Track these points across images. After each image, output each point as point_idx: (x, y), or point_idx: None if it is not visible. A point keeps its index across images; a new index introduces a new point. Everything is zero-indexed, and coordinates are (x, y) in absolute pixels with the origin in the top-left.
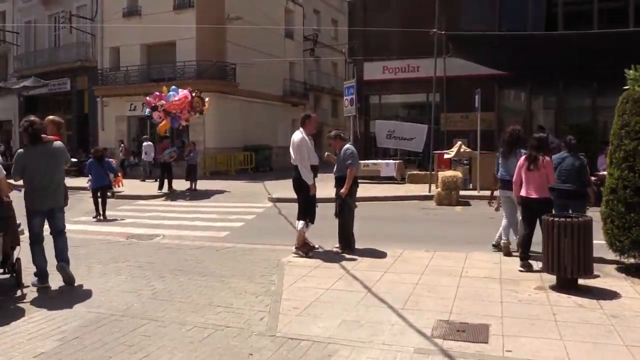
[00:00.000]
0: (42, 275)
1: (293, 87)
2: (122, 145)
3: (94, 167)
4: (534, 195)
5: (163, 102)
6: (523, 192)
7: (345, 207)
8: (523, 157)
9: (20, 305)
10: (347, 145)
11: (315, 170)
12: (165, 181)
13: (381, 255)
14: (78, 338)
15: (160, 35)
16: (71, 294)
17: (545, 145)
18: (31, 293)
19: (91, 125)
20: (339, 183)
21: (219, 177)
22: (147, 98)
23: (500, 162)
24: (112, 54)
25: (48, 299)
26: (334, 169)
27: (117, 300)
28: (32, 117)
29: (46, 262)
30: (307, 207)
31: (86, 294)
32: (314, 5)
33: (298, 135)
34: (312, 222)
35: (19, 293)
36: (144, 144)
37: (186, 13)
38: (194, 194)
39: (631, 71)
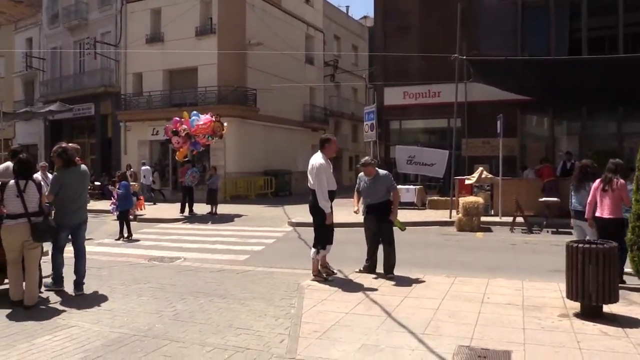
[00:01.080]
0: (59, 280)
1: (313, 112)
2: (131, 169)
3: (124, 189)
4: (607, 216)
5: (185, 126)
6: (598, 213)
7: (392, 232)
8: (598, 180)
9: (45, 322)
10: (384, 171)
11: (332, 195)
12: (187, 204)
13: (401, 280)
14: (101, 357)
15: (182, 61)
16: (96, 314)
17: (619, 170)
18: (55, 311)
19: (114, 150)
20: (375, 211)
21: (239, 201)
22: (167, 125)
23: (572, 193)
24: (135, 79)
25: (73, 318)
26: (365, 197)
27: (139, 321)
28: (64, 144)
29: (63, 267)
30: (321, 233)
31: (109, 314)
32: (335, 31)
33: (317, 159)
34: (325, 249)
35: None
36: (142, 168)
37: (208, 39)
38: (214, 218)
39: None
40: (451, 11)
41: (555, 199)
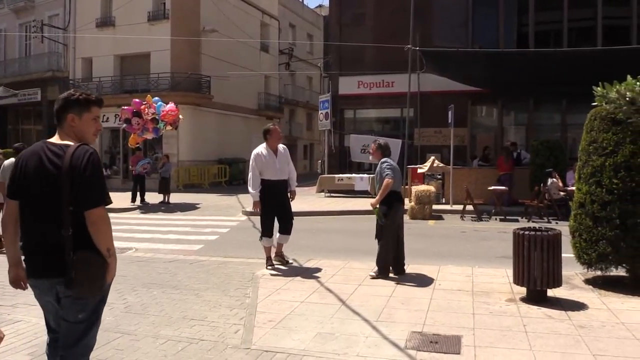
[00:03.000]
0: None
1: (268, 100)
2: None
3: None
4: None
5: (153, 110)
6: None
7: (384, 227)
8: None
9: None
10: (385, 159)
11: (276, 185)
12: (138, 193)
13: (355, 268)
14: None
15: (134, 46)
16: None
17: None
18: None
19: None
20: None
21: (192, 190)
22: (125, 107)
23: None
24: (85, 64)
25: (19, 313)
26: (374, 185)
27: None
28: None
29: None
30: (261, 221)
31: None
32: (290, 20)
33: (255, 149)
34: (266, 236)
35: None
36: None
37: (161, 25)
38: (167, 207)
39: (599, 88)
40: (405, 2)
41: (503, 187)
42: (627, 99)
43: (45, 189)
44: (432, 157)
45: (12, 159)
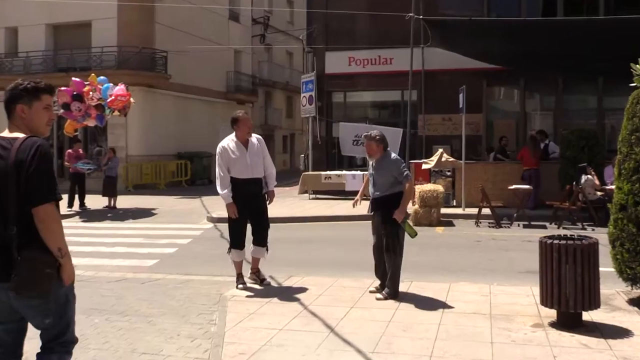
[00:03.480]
0: None
1: (239, 81)
2: None
3: None
4: None
5: (99, 94)
6: None
7: (398, 239)
8: None
9: None
10: (395, 155)
11: (247, 184)
12: (77, 196)
13: (346, 286)
14: None
15: (72, 13)
16: None
17: None
18: None
19: None
20: (381, 206)
21: (145, 191)
22: (62, 88)
23: None
24: (9, 35)
25: None
26: (370, 187)
27: None
28: None
29: None
30: (229, 229)
31: None
32: None
33: (222, 142)
34: (237, 248)
35: None
36: None
37: None
38: (113, 213)
39: (638, 65)
40: None
41: (527, 186)
42: None
43: None
44: (440, 150)
45: None
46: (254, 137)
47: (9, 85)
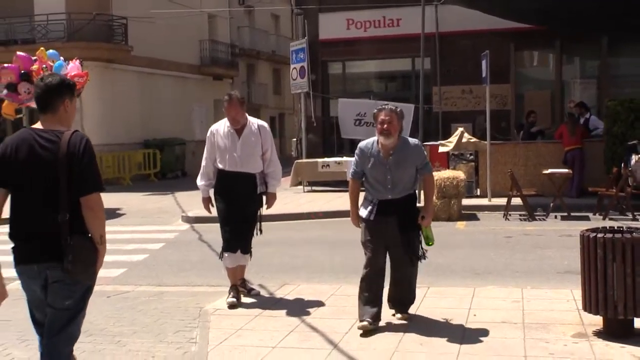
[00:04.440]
0: None
1: (215, 52)
2: None
3: None
4: None
5: (50, 72)
6: None
7: (420, 248)
8: None
9: None
10: (414, 140)
11: (239, 179)
12: None
13: (350, 294)
14: None
15: None
16: None
17: None
18: None
19: None
20: (400, 209)
21: (107, 188)
22: (6, 65)
23: None
24: None
25: None
26: (382, 188)
27: None
28: None
29: None
30: (221, 230)
31: None
32: None
33: (212, 126)
34: (229, 251)
35: None
36: None
37: None
38: None
39: None
40: None
41: (567, 170)
42: None
43: (40, 175)
44: (461, 129)
45: None
46: (256, 124)
47: (50, 79)
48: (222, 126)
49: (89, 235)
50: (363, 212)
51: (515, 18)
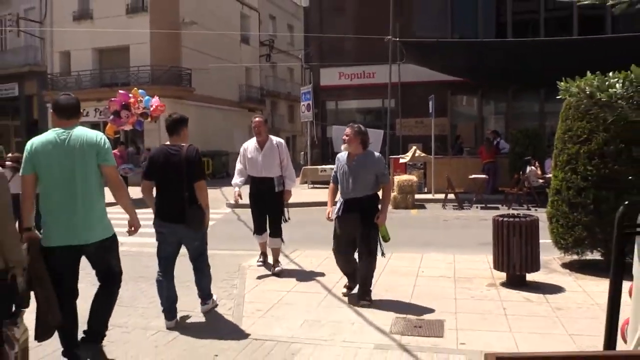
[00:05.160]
0: None
1: (249, 92)
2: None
3: None
4: None
5: (143, 104)
6: None
7: (377, 243)
8: None
9: None
10: (377, 153)
11: (263, 182)
12: None
13: None
14: (41, 345)
15: (113, 39)
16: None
17: None
18: None
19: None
20: (360, 207)
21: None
22: (113, 99)
23: None
24: (63, 58)
25: None
26: (345, 187)
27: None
28: None
29: None
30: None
31: None
32: (270, 11)
33: (245, 143)
34: (257, 234)
35: None
36: None
37: (139, 17)
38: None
39: (562, 83)
40: None
41: (483, 175)
42: (587, 92)
43: (170, 171)
44: (414, 147)
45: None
46: (274, 141)
47: (175, 115)
48: (250, 143)
49: (199, 204)
50: (334, 210)
51: (451, 74)
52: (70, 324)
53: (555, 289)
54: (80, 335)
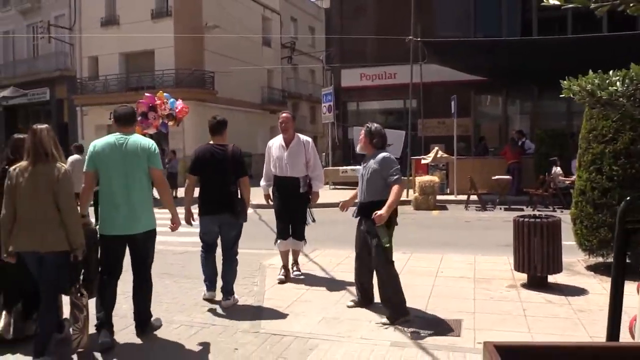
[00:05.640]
0: None
1: (271, 94)
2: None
3: None
4: None
5: (169, 106)
6: None
7: (382, 249)
8: None
9: None
10: (386, 153)
11: (287, 182)
12: None
13: None
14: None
15: (139, 44)
16: None
17: None
18: None
19: (71, 135)
20: (366, 213)
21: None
22: (141, 100)
23: None
24: (91, 63)
25: None
26: (360, 191)
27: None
28: None
29: None
30: (276, 221)
31: None
32: (291, 13)
33: (270, 140)
34: (281, 238)
35: None
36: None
37: (164, 22)
38: (175, 201)
39: (565, 82)
40: None
41: (507, 176)
42: (588, 90)
43: (218, 167)
44: (436, 148)
45: (76, 156)
46: (301, 138)
47: (219, 117)
48: (275, 141)
49: (242, 198)
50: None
51: (474, 73)
52: (110, 301)
53: (577, 291)
54: (134, 332)
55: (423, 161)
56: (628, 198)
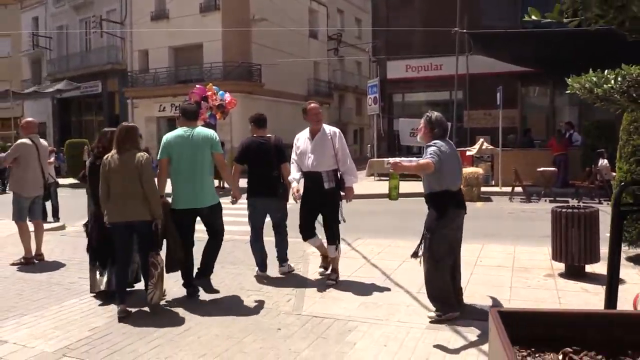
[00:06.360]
0: None
1: (317, 86)
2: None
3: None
4: None
5: (219, 98)
6: None
7: (434, 242)
8: None
9: (74, 288)
10: (436, 141)
11: (312, 177)
12: None
13: (400, 246)
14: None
15: (187, 37)
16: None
17: None
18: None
19: None
20: (428, 204)
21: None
22: (193, 90)
23: None
24: (141, 56)
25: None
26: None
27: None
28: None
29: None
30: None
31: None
32: (338, 5)
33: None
34: (305, 238)
35: None
36: None
37: (212, 16)
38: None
39: (569, 79)
40: None
41: (552, 168)
42: (587, 87)
43: (263, 157)
44: (481, 140)
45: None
46: (328, 129)
47: (263, 115)
48: (303, 134)
49: (283, 182)
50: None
51: (520, 64)
52: (189, 263)
53: None
54: (195, 272)
55: (468, 153)
56: (622, 183)
